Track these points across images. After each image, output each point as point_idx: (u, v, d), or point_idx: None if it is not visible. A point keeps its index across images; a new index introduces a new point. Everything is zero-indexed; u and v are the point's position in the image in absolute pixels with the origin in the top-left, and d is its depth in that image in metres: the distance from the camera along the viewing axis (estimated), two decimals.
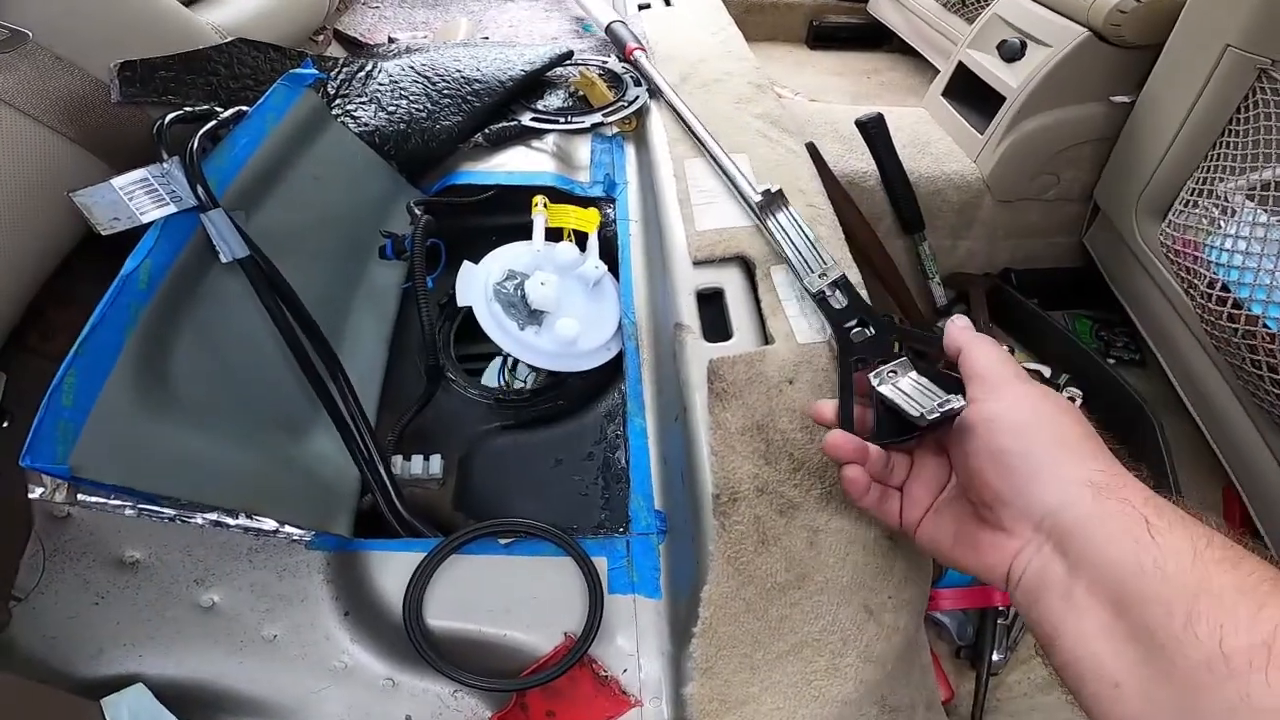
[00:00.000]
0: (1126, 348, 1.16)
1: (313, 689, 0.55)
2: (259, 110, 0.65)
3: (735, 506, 0.56)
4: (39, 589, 0.53)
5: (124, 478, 0.48)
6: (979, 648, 0.84)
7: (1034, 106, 1.05)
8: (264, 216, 0.63)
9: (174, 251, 0.55)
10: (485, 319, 0.69)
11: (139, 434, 0.50)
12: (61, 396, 0.46)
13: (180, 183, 0.55)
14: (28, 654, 0.51)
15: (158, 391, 0.52)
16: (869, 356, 0.56)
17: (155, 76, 0.66)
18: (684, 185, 0.80)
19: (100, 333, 0.49)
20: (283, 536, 0.59)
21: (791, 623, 0.55)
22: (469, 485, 0.68)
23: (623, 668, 0.58)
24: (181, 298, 0.55)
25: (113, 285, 0.50)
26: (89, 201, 0.53)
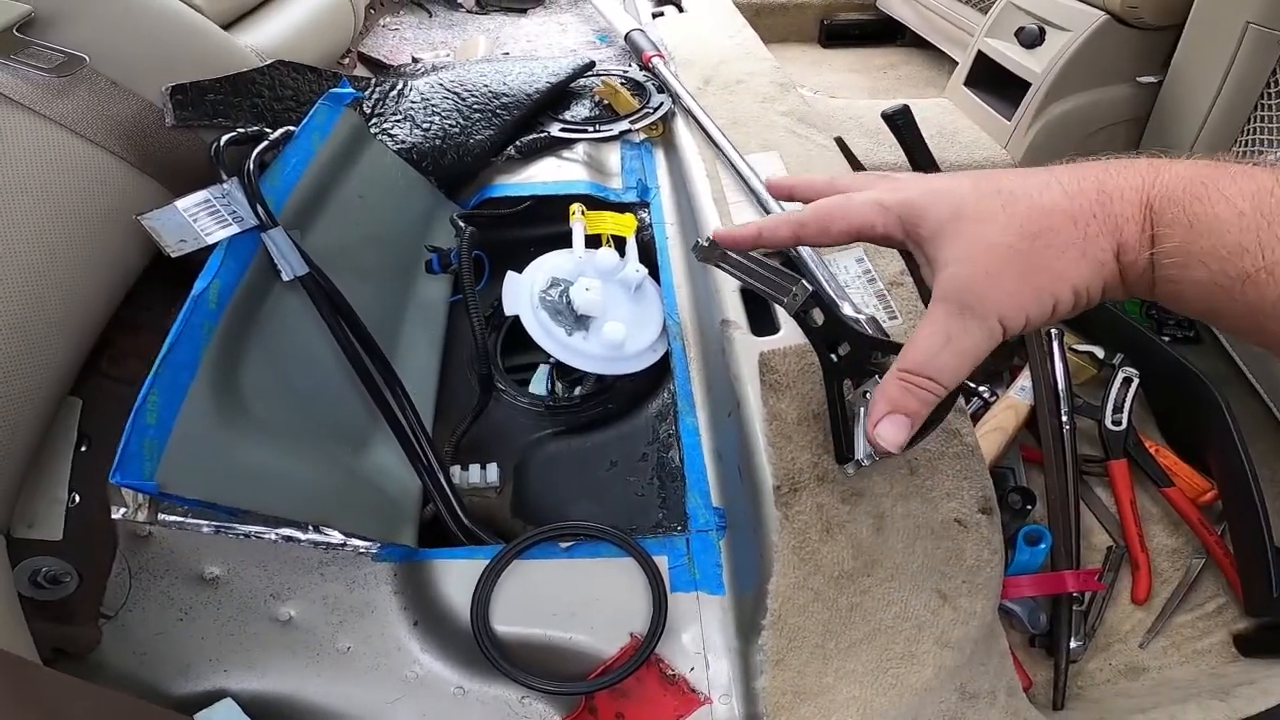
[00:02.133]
0: (1179, 325, 1.16)
1: (386, 699, 0.57)
2: (305, 130, 0.69)
3: (797, 496, 0.58)
4: (127, 606, 0.56)
5: (207, 493, 0.51)
6: (1055, 635, 0.84)
7: (1060, 91, 1.07)
8: (316, 235, 0.67)
9: (239, 271, 0.59)
10: (533, 326, 0.72)
11: (218, 450, 0.53)
12: (145, 415, 0.49)
13: (240, 203, 0.59)
14: (120, 671, 0.54)
15: (232, 408, 0.56)
16: (852, 374, 0.56)
17: (205, 99, 0.70)
18: (718, 185, 0.84)
19: (177, 351, 0.53)
20: (350, 549, 0.61)
21: (863, 611, 0.56)
22: (526, 492, 0.71)
23: (690, 666, 0.59)
24: (248, 316, 0.59)
25: (185, 305, 0.54)
26: (157, 225, 0.57)
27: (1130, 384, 1.00)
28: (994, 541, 0.60)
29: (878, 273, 0.72)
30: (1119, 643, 0.86)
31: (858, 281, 0.71)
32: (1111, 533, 0.93)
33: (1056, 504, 0.90)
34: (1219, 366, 1.05)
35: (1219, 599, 0.89)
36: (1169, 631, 0.86)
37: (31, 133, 0.58)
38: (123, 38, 0.67)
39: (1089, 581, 0.85)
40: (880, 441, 0.42)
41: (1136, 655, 0.85)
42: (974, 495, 0.60)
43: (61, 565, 0.54)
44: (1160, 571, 0.90)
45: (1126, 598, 0.89)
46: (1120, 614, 0.88)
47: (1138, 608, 0.88)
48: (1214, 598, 0.89)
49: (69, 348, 0.56)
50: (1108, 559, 0.91)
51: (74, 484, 0.57)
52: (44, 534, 0.55)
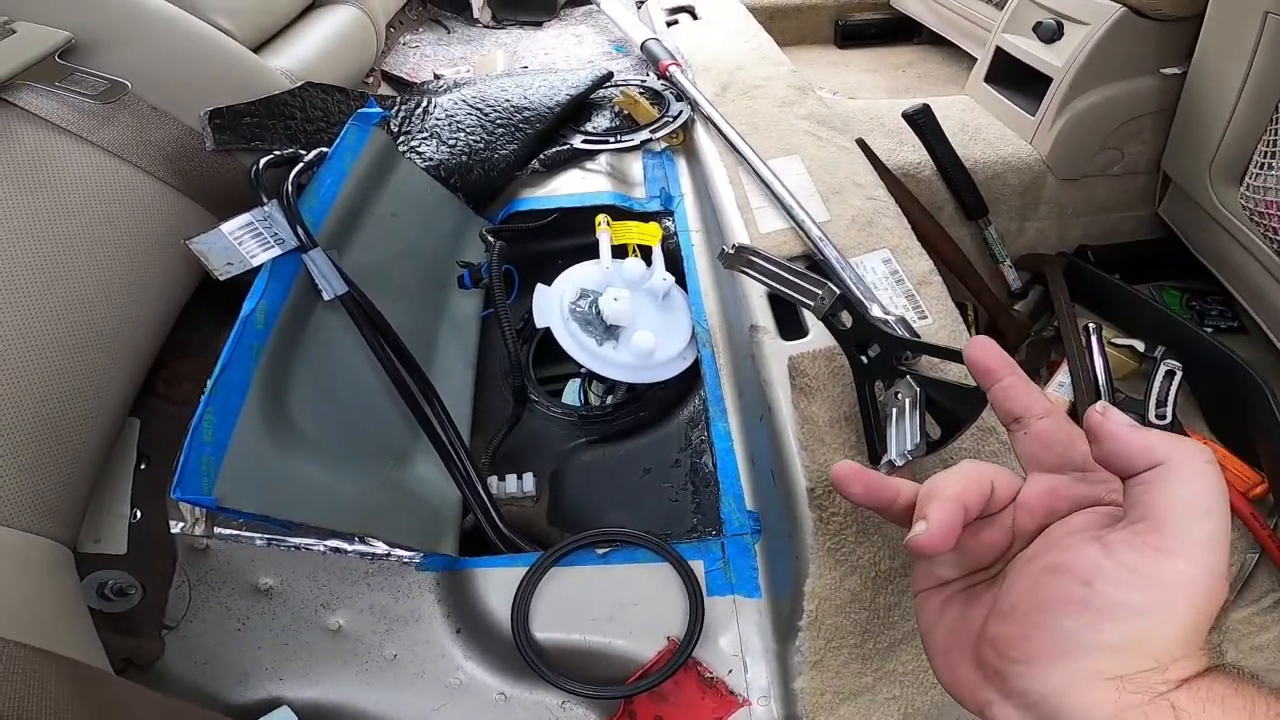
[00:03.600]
0: (1222, 315, 1.15)
1: (432, 706, 0.60)
2: (337, 151, 0.73)
3: (831, 498, 0.60)
4: (188, 617, 0.60)
5: (261, 506, 0.54)
6: None
7: (1083, 85, 1.08)
8: (353, 254, 0.71)
9: (283, 292, 0.62)
10: (564, 338, 0.75)
11: (270, 464, 0.57)
12: (203, 433, 0.53)
13: (281, 224, 0.63)
14: (183, 680, 0.57)
15: (282, 425, 0.59)
16: (882, 375, 0.57)
17: (242, 123, 0.74)
18: (741, 191, 0.86)
19: (230, 372, 0.56)
20: (394, 559, 0.64)
21: (902, 610, 0.57)
22: (562, 500, 0.73)
23: (728, 669, 0.61)
24: (293, 335, 0.63)
25: (235, 327, 0.58)
26: (205, 249, 0.61)
27: (1174, 377, 0.99)
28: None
29: (905, 273, 0.74)
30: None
31: (885, 282, 0.73)
32: None
33: None
34: (1265, 356, 1.04)
35: (1275, 593, 0.88)
36: (1224, 628, 0.85)
37: (80, 159, 0.61)
38: (161, 63, 0.70)
39: None
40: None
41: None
42: None
43: (126, 578, 0.57)
44: None
45: None
46: None
47: None
48: (1270, 592, 0.88)
49: (127, 370, 0.60)
50: None
51: (135, 500, 0.61)
52: (109, 548, 0.58)
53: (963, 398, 0.53)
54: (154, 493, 0.61)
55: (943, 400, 0.55)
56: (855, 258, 0.75)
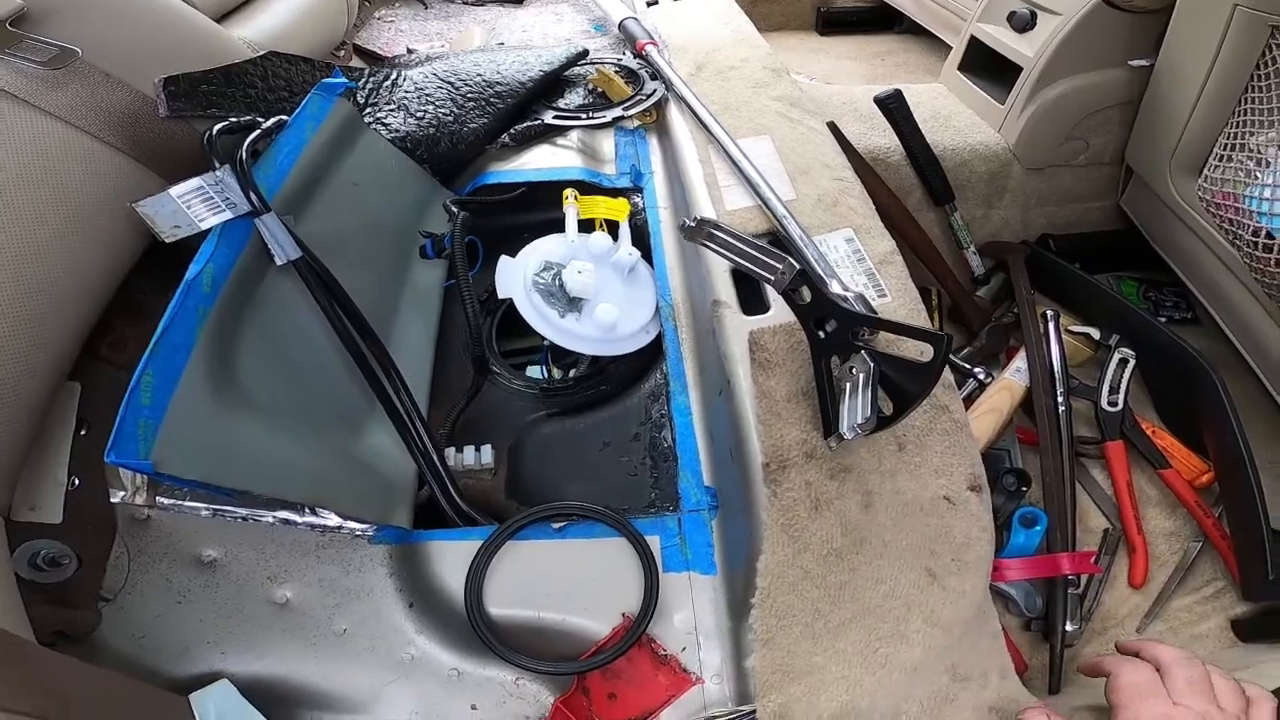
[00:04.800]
0: (1176, 306, 1.15)
1: (383, 681, 0.57)
2: (298, 119, 0.69)
3: (785, 474, 0.58)
4: (126, 589, 0.56)
5: (203, 473, 0.51)
6: (1050, 619, 0.81)
7: (1052, 74, 1.06)
8: (310, 222, 0.67)
9: (233, 255, 0.59)
10: (526, 309, 0.72)
11: (214, 430, 0.53)
12: (140, 395, 0.49)
13: (233, 189, 0.59)
14: (120, 653, 0.54)
15: (228, 389, 0.56)
16: (838, 350, 0.56)
17: (199, 90, 0.70)
18: (710, 169, 0.83)
19: (172, 333, 0.52)
20: (346, 532, 0.61)
21: (852, 589, 0.55)
22: (520, 473, 0.70)
23: (682, 646, 0.59)
24: (243, 300, 0.59)
25: (180, 288, 0.54)
26: (151, 211, 0.57)
27: (1126, 364, 0.98)
28: (983, 519, 0.59)
29: (867, 252, 0.71)
30: (1115, 627, 0.85)
31: (847, 260, 0.71)
32: (1108, 515, 0.92)
33: (1052, 486, 0.88)
34: (1217, 347, 1.03)
35: (1217, 583, 0.88)
36: (1166, 616, 0.85)
37: (27, 124, 0.58)
38: (115, 31, 0.67)
39: (1085, 564, 0.84)
40: None
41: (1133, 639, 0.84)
42: (963, 472, 0.60)
43: (60, 548, 0.54)
44: (1157, 554, 0.89)
45: (1123, 581, 0.87)
46: (1117, 597, 0.86)
47: (1135, 591, 0.86)
48: (1212, 581, 0.88)
49: (65, 332, 0.56)
50: (1104, 542, 0.89)
51: (74, 467, 0.57)
52: (45, 517, 0.55)
53: (915, 374, 0.52)
54: (94, 460, 0.57)
55: (896, 376, 0.53)
56: (818, 236, 0.72)
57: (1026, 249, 1.11)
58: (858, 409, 0.51)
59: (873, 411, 0.50)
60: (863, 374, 0.53)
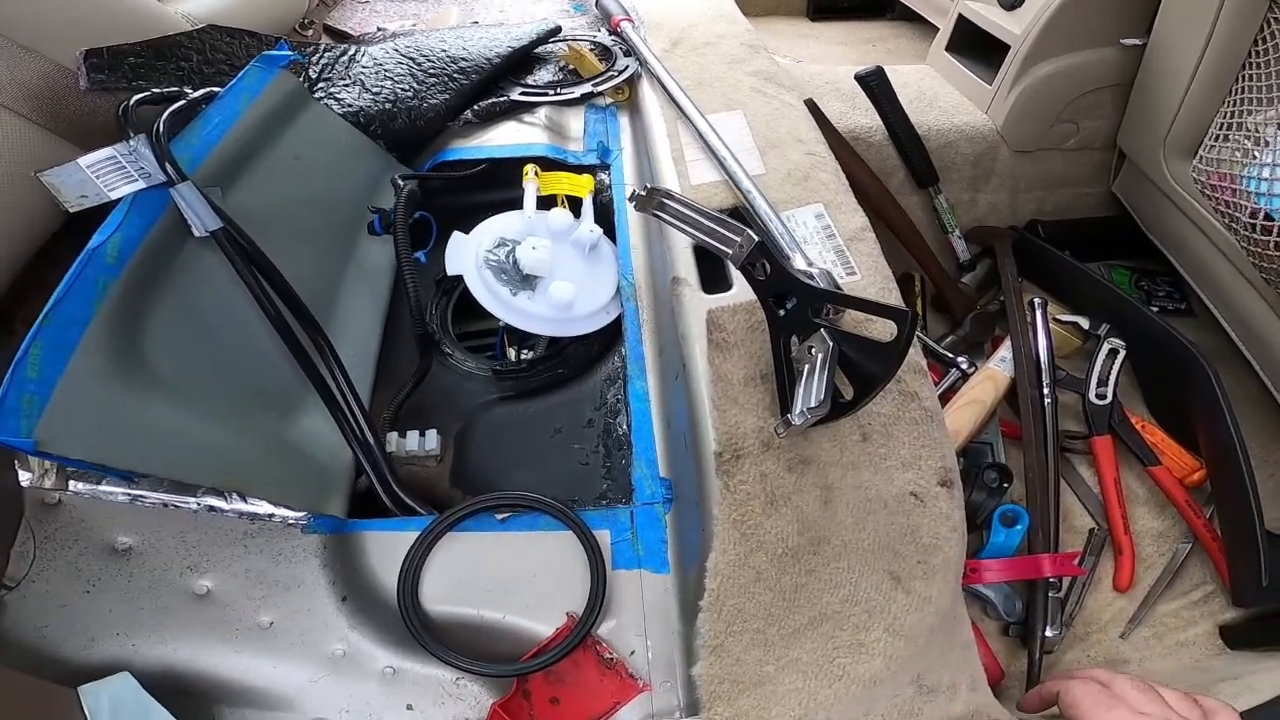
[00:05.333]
0: (1170, 296, 1.09)
1: (311, 677, 0.53)
2: (232, 90, 0.64)
3: (739, 464, 0.52)
4: (29, 577, 0.51)
5: (94, 453, 0.46)
6: (1030, 624, 0.76)
7: (1041, 53, 1.00)
8: (243, 194, 0.62)
9: (145, 227, 0.54)
10: (476, 286, 0.67)
11: (111, 408, 0.48)
12: (26, 368, 0.44)
13: (148, 160, 0.54)
14: (18, 643, 0.50)
15: (131, 365, 0.51)
16: (798, 330, 0.51)
17: (124, 63, 0.66)
18: (678, 144, 0.77)
19: (66, 304, 0.48)
20: (278, 520, 0.56)
21: (808, 592, 0.50)
22: (466, 460, 0.65)
23: (630, 649, 0.54)
24: (156, 273, 0.54)
25: (79, 258, 0.49)
26: (56, 180, 0.52)
27: (1116, 356, 0.93)
28: (954, 518, 0.53)
29: (837, 228, 0.66)
30: (1098, 632, 0.80)
31: (816, 237, 0.65)
32: (1094, 514, 0.87)
33: (1035, 483, 0.83)
34: (1211, 339, 0.97)
35: (1206, 587, 0.82)
36: (1152, 621, 0.80)
37: None
38: (33, 4, 0.62)
39: (1067, 566, 0.78)
40: None
41: (1117, 646, 0.78)
42: (933, 466, 0.54)
43: None
44: (1144, 556, 0.83)
45: (1108, 583, 0.82)
46: (1101, 601, 0.81)
47: (1119, 595, 0.81)
48: (1200, 585, 0.82)
49: None
50: (1089, 542, 0.84)
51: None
52: None
53: (878, 354, 0.46)
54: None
55: (858, 357, 0.48)
56: (787, 211, 0.67)
57: (1014, 234, 1.06)
58: (812, 392, 0.46)
59: (827, 394, 0.45)
60: (821, 354, 0.48)
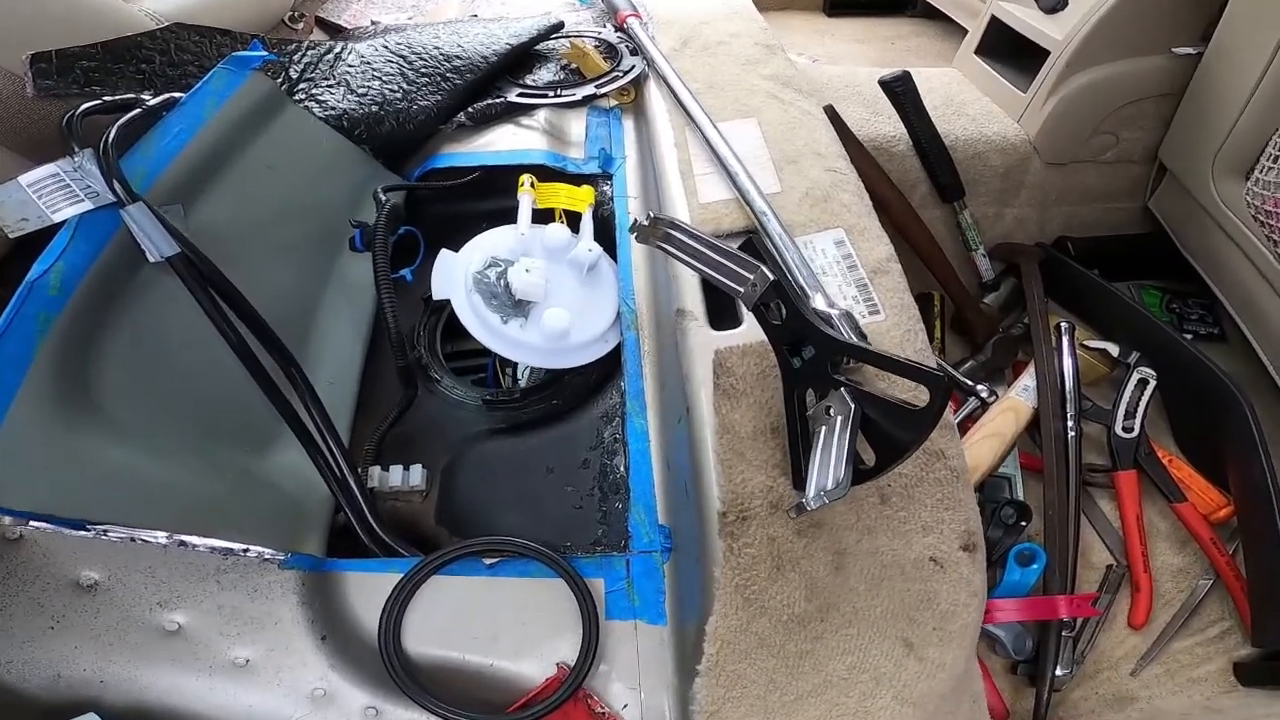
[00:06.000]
0: (1203, 320, 1.02)
1: (290, 716, 0.49)
2: (195, 96, 0.58)
3: (745, 526, 0.47)
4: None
5: (40, 503, 0.42)
6: (1040, 663, 0.73)
7: (1083, 61, 0.92)
8: (208, 210, 0.56)
9: (93, 252, 0.48)
10: (464, 313, 0.61)
11: (58, 454, 0.44)
12: None
13: (96, 177, 0.49)
14: None
15: (80, 408, 0.46)
16: (814, 383, 0.45)
17: (76, 67, 0.60)
18: (685, 155, 0.71)
19: (4, 346, 0.43)
20: (254, 555, 0.52)
21: (814, 659, 0.46)
22: (452, 497, 0.60)
23: (623, 703, 0.50)
24: (106, 302, 0.49)
25: (17, 293, 0.44)
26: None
27: (1146, 386, 0.87)
28: (974, 583, 0.49)
29: (860, 258, 0.60)
30: (1109, 670, 0.76)
31: (836, 267, 0.59)
32: (1112, 549, 0.82)
33: (1055, 520, 0.79)
34: (1243, 367, 0.91)
35: (1223, 624, 0.78)
36: (1165, 658, 0.76)
37: None
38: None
39: (1084, 608, 0.75)
40: None
41: (1126, 684, 0.75)
42: (955, 529, 0.49)
43: None
44: (1162, 593, 0.80)
45: (1123, 620, 0.78)
46: (1114, 639, 0.78)
47: (1134, 632, 0.78)
48: (1217, 622, 0.79)
49: None
50: (1106, 579, 0.80)
51: None
52: None
53: (906, 420, 0.40)
54: None
55: (882, 422, 0.42)
56: (804, 237, 0.61)
57: (1041, 252, 0.98)
58: (830, 467, 0.40)
59: (847, 473, 0.39)
60: (840, 417, 0.42)
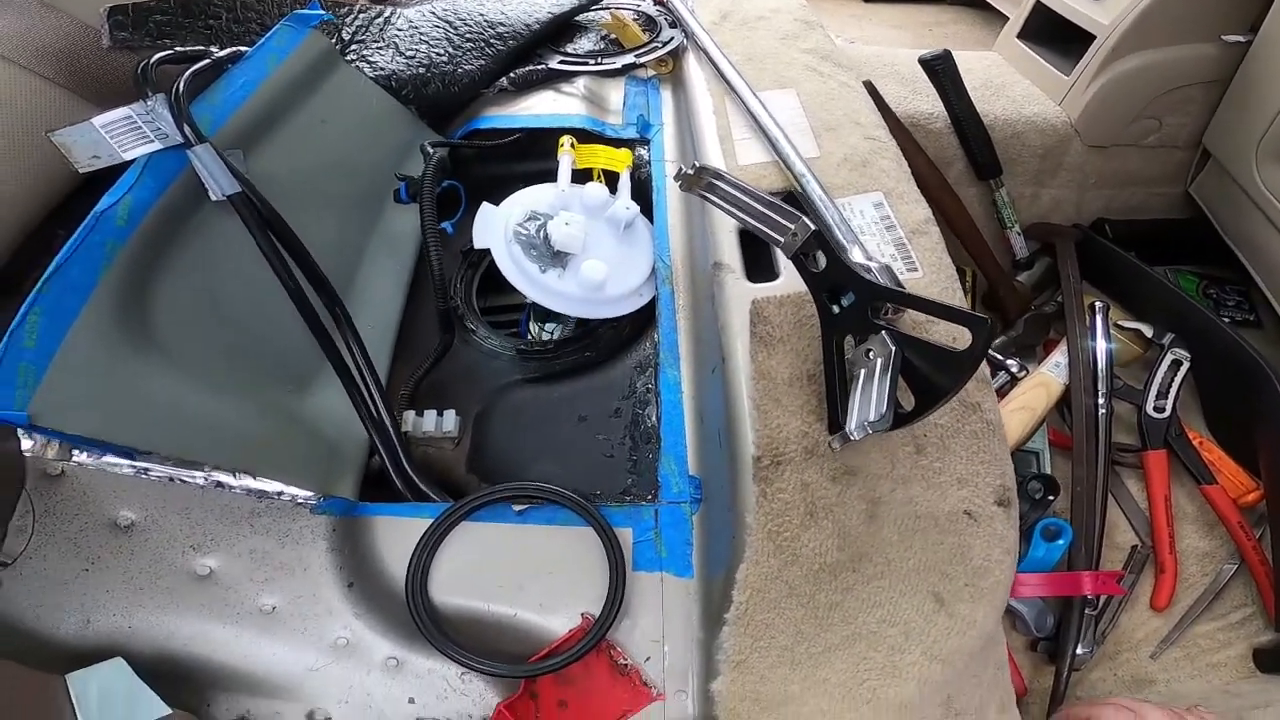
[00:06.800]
0: (1239, 306, 0.99)
1: (311, 666, 0.49)
2: (260, 50, 0.59)
3: (779, 471, 0.46)
4: (27, 554, 0.47)
5: (94, 429, 0.42)
6: (1061, 640, 0.72)
7: (1130, 45, 0.90)
8: (265, 158, 0.57)
9: (158, 190, 0.49)
10: (504, 261, 0.61)
11: (114, 382, 0.44)
12: (23, 336, 0.40)
13: (166, 120, 0.49)
14: (12, 625, 0.46)
15: (137, 336, 0.46)
16: (854, 329, 0.45)
17: (149, 21, 0.61)
18: (725, 121, 0.70)
19: (69, 270, 0.43)
20: (286, 499, 0.52)
21: (843, 611, 0.45)
22: (485, 444, 0.60)
23: (645, 655, 0.50)
24: (168, 238, 0.49)
25: (85, 221, 0.45)
26: (68, 140, 0.48)
27: (1179, 367, 0.86)
28: (1008, 539, 0.48)
29: (898, 219, 0.58)
30: (1129, 651, 0.75)
31: (874, 227, 0.58)
32: (1138, 530, 0.81)
33: (1082, 496, 0.78)
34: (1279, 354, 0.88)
35: (1245, 609, 0.77)
36: (1185, 641, 0.76)
37: None
38: None
39: (1109, 585, 0.74)
40: None
41: (1145, 666, 0.74)
42: (991, 483, 0.48)
43: None
44: (1186, 576, 0.78)
45: (1145, 602, 0.78)
46: (1135, 620, 0.77)
47: (1155, 614, 0.77)
48: (1240, 607, 0.77)
49: None
50: (1130, 559, 0.79)
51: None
52: None
53: (946, 363, 0.39)
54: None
55: (922, 365, 0.41)
56: (843, 199, 0.60)
57: (1078, 233, 0.96)
58: (871, 402, 0.39)
59: (889, 406, 0.38)
60: (881, 359, 0.41)
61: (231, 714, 0.48)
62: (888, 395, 0.39)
